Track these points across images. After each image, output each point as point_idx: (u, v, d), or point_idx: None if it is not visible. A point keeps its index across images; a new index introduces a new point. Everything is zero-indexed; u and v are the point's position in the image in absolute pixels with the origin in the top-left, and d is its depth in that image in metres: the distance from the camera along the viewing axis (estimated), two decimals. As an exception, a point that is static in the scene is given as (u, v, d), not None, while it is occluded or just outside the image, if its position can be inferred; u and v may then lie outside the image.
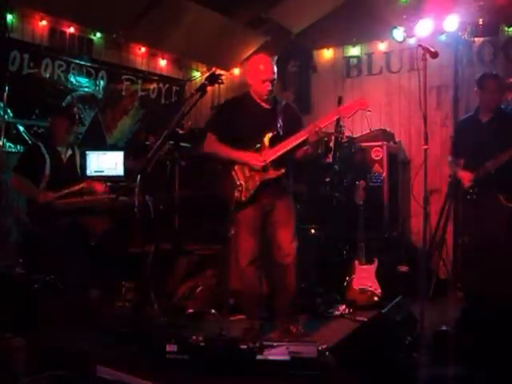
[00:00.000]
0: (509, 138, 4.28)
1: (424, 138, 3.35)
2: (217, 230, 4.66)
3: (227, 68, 7.01)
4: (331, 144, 5.34)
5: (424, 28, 5.33)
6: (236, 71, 7.11)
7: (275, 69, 3.68)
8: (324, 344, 2.96)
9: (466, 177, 4.48)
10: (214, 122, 3.93)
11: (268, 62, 3.68)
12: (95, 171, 5.05)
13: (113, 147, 5.90)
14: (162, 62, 6.80)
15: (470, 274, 4.63)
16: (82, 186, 4.38)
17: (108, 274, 4.27)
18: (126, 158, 5.30)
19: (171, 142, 4.66)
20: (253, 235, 3.70)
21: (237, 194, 3.63)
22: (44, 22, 5.42)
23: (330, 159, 5.43)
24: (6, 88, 4.59)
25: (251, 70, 3.71)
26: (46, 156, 4.38)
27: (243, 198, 3.63)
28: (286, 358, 2.83)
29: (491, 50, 5.53)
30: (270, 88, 3.65)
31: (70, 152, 4.58)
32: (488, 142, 4.35)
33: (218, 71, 5.81)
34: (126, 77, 6.29)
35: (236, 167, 3.68)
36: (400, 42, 5.64)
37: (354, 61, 6.42)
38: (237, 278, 3.81)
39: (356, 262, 4.63)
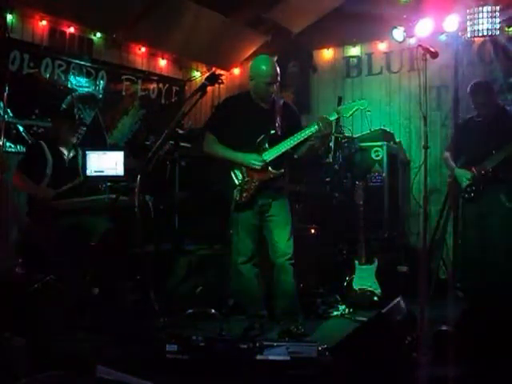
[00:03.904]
0: (507, 135, 4.30)
1: (424, 138, 3.35)
2: (217, 230, 4.66)
3: (227, 68, 7.01)
4: (331, 144, 5.34)
5: (424, 28, 5.32)
6: (236, 71, 7.11)
7: (278, 71, 3.68)
8: (324, 344, 2.96)
9: (464, 175, 4.50)
10: (213, 122, 3.94)
11: (272, 64, 3.68)
12: (95, 171, 5.05)
13: (113, 147, 5.90)
14: (162, 62, 6.80)
15: (469, 273, 4.63)
16: (79, 180, 4.39)
17: (108, 273, 4.27)
18: (125, 157, 5.30)
19: (171, 142, 4.66)
20: (249, 235, 3.73)
21: (235, 194, 3.64)
22: (44, 22, 5.42)
23: (329, 159, 5.43)
24: (6, 88, 4.59)
25: (254, 72, 3.70)
26: (49, 156, 4.38)
27: (242, 199, 3.64)
28: (286, 358, 2.83)
29: (491, 50, 5.54)
30: (272, 90, 3.65)
31: (72, 153, 4.59)
32: (489, 138, 4.37)
33: (218, 71, 5.81)
34: (126, 77, 6.29)
35: (235, 168, 3.68)
36: (400, 42, 5.63)
37: (354, 61, 6.42)
38: (235, 277, 3.82)
39: (356, 262, 4.63)
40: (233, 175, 3.68)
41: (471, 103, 4.66)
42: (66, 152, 4.54)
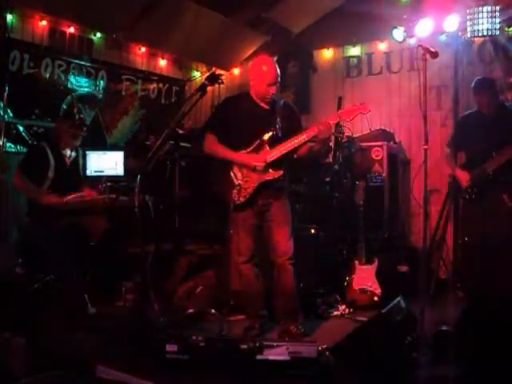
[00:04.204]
0: (507, 132, 4.30)
1: (424, 138, 3.35)
2: (217, 229, 4.66)
3: (227, 68, 7.01)
4: (331, 144, 5.34)
5: (424, 28, 5.32)
6: (236, 71, 7.11)
7: (279, 71, 3.68)
8: (324, 344, 2.96)
9: (464, 177, 4.51)
10: (213, 122, 3.93)
11: (272, 64, 3.68)
12: (95, 171, 5.05)
13: (113, 147, 5.91)
14: (162, 62, 6.80)
15: (469, 273, 4.63)
16: (83, 194, 4.38)
17: (108, 273, 4.27)
18: (125, 157, 5.30)
19: (171, 142, 4.66)
20: (249, 235, 3.73)
21: (235, 194, 3.64)
22: (44, 22, 5.42)
23: (329, 159, 5.43)
24: (6, 88, 4.59)
25: (255, 72, 3.69)
26: (51, 159, 4.35)
27: (241, 199, 3.64)
28: (286, 358, 2.83)
29: (491, 50, 5.54)
30: (272, 91, 3.65)
31: (73, 154, 4.58)
32: (490, 135, 4.37)
33: (218, 71, 5.81)
34: (126, 77, 6.29)
35: (234, 168, 3.68)
36: (400, 42, 5.64)
37: (354, 61, 6.42)
38: (235, 277, 3.82)
39: (356, 262, 4.63)
40: (232, 175, 3.68)
41: (473, 99, 4.65)
42: (67, 154, 4.52)
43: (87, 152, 5.04)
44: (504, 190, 4.37)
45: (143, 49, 6.44)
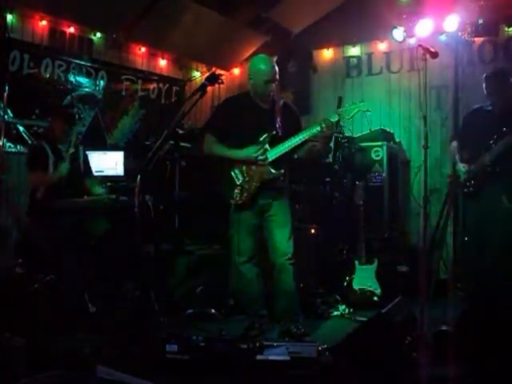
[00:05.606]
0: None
1: (424, 138, 3.35)
2: (217, 230, 4.67)
3: (227, 68, 7.02)
4: (331, 144, 5.34)
5: (424, 28, 5.33)
6: (236, 71, 7.11)
7: (277, 70, 3.68)
8: (324, 344, 2.96)
9: (462, 170, 4.47)
10: (213, 123, 3.93)
11: (270, 63, 3.68)
12: (95, 171, 5.04)
13: (113, 147, 5.90)
14: (162, 62, 6.80)
15: (469, 273, 4.63)
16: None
17: (108, 273, 4.27)
18: (125, 157, 5.30)
19: (171, 142, 4.66)
20: (250, 235, 3.74)
21: (236, 194, 3.64)
22: (44, 22, 5.41)
23: (329, 159, 5.43)
24: (6, 88, 4.59)
25: (253, 71, 3.71)
26: (50, 154, 4.37)
27: (242, 199, 3.64)
28: (286, 358, 2.83)
29: (491, 50, 5.54)
30: (271, 89, 3.65)
31: (71, 150, 4.57)
32: (496, 132, 4.33)
33: (218, 71, 5.81)
34: (126, 77, 6.28)
35: (235, 168, 3.68)
36: (400, 42, 5.64)
37: (354, 61, 6.42)
38: (235, 277, 3.83)
39: (356, 262, 4.63)
40: (233, 175, 3.69)
41: (484, 90, 4.55)
42: (64, 149, 4.52)
43: (87, 152, 5.03)
44: (504, 189, 4.34)
45: (143, 49, 6.44)
